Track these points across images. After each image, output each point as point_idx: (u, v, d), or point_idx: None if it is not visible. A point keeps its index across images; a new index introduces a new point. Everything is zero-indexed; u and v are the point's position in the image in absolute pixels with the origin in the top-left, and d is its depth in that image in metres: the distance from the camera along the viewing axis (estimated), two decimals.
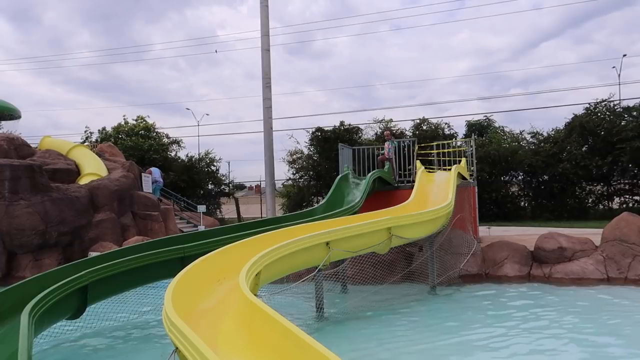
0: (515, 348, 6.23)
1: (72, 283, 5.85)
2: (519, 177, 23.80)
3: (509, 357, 5.93)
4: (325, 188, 23.47)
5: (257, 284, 5.40)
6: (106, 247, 12.50)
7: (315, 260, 6.90)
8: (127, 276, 6.63)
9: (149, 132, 30.16)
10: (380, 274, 9.28)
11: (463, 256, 10.73)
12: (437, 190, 11.54)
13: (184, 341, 3.52)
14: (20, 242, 12.23)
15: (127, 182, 16.04)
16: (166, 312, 3.97)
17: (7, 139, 16.61)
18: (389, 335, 6.99)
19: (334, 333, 7.00)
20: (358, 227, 7.53)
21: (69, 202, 13.46)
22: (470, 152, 14.32)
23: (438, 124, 24.74)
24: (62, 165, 16.45)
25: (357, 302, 8.81)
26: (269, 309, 3.74)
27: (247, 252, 5.97)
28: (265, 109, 15.76)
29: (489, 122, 27.48)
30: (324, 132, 24.42)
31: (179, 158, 30.05)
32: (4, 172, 12.60)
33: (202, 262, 5.57)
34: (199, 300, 4.99)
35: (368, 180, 11.34)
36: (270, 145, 15.74)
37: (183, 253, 7.07)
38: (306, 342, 3.15)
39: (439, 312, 8.25)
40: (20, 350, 3.99)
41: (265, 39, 15.90)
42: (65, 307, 5.89)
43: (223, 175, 30.45)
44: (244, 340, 4.00)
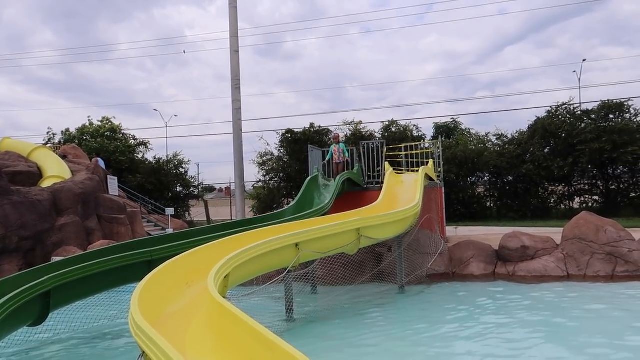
0: (482, 344, 6.38)
1: (33, 289, 5.67)
2: (485, 178, 24.31)
3: (477, 353, 6.07)
4: (295, 190, 23.45)
5: (226, 286, 5.38)
6: (70, 251, 12.16)
7: (284, 262, 6.90)
8: (92, 280, 6.47)
9: (115, 133, 29.51)
10: (350, 274, 9.35)
11: (430, 256, 10.92)
12: (406, 191, 11.70)
13: (151, 345, 3.47)
14: None
15: (92, 184, 15.66)
16: (132, 316, 3.91)
17: None
18: (358, 334, 7.05)
19: (303, 334, 7.02)
20: (327, 228, 7.57)
21: (30, 205, 13.03)
22: (438, 153, 14.58)
23: (407, 126, 25.06)
24: (22, 167, 15.94)
25: (327, 303, 8.86)
26: (237, 311, 3.73)
27: (216, 254, 5.94)
28: (234, 110, 15.64)
29: (456, 124, 28.01)
30: (294, 134, 24.41)
31: (147, 160, 29.49)
32: None
33: (170, 264, 5.51)
34: (166, 303, 4.93)
35: (337, 181, 11.42)
36: (240, 147, 15.63)
37: (150, 256, 6.95)
38: (274, 342, 3.15)
39: (407, 311, 8.37)
40: None
41: (234, 40, 15.79)
42: (26, 313, 5.70)
43: (192, 177, 30.04)
44: (212, 343, 3.98)
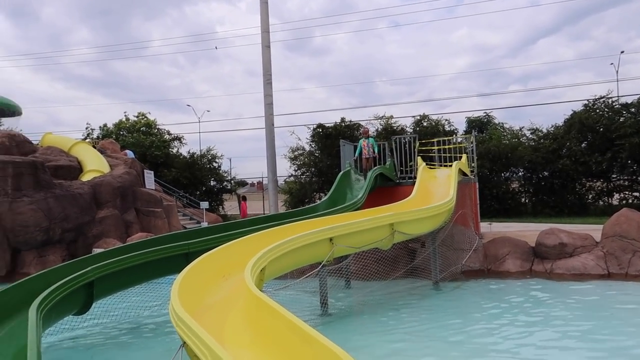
0: (517, 343, 6.29)
1: (78, 279, 5.91)
2: (519, 173, 23.80)
3: (511, 351, 5.98)
4: (327, 184, 23.50)
5: (262, 280, 5.46)
6: (110, 243, 12.56)
7: (319, 256, 6.96)
8: (132, 272, 6.69)
9: (150, 128, 30.18)
10: (384, 269, 9.33)
11: (465, 252, 10.78)
12: (439, 186, 11.58)
13: (192, 336, 3.57)
14: (24, 239, 12.29)
15: (130, 178, 16.10)
16: (173, 307, 4.02)
17: (8, 135, 16.67)
18: (392, 329, 7.06)
19: (338, 328, 7.07)
20: (361, 223, 7.58)
21: (72, 198, 13.51)
22: (471, 148, 14.35)
23: (438, 121, 24.75)
24: (64, 162, 16.51)
25: (361, 298, 8.88)
26: (275, 304, 3.79)
27: (251, 248, 6.03)
28: (266, 105, 15.78)
29: (489, 119, 27.48)
30: (325, 129, 24.44)
31: (181, 155, 30.07)
32: (6, 169, 12.65)
33: (207, 257, 5.63)
34: (204, 295, 5.04)
35: (370, 176, 11.38)
36: (272, 142, 15.76)
37: (188, 249, 7.13)
38: (312, 335, 3.19)
39: (441, 308, 8.30)
40: (29, 345, 4.04)
41: (265, 36, 15.90)
42: (72, 302, 5.95)
43: (225, 171, 30.49)
44: (250, 335, 4.05)
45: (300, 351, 3.30)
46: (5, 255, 11.98)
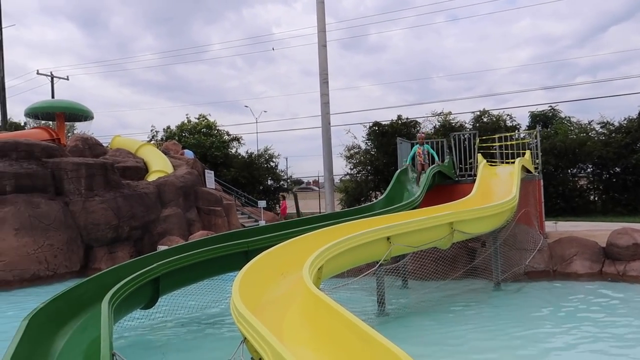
0: (583, 348, 5.97)
1: (145, 274, 6.20)
2: (588, 169, 22.56)
3: (577, 357, 5.68)
4: (383, 183, 23.31)
5: (320, 278, 5.49)
6: (174, 241, 13.08)
7: (376, 255, 6.91)
8: (195, 268, 6.93)
9: (211, 129, 31.13)
10: (442, 269, 9.13)
11: (529, 252, 10.36)
12: (500, 184, 11.19)
13: (252, 332, 3.65)
14: (96, 236, 13.05)
15: (192, 178, 16.70)
16: (234, 304, 4.12)
17: (82, 139, 17.76)
18: (452, 330, 6.90)
19: (396, 328, 6.99)
20: (419, 222, 7.45)
21: (138, 198, 14.20)
22: (535, 144, 13.75)
23: (499, 116, 23.91)
24: (131, 163, 17.37)
25: (419, 298, 8.74)
26: (333, 302, 3.80)
27: (308, 246, 6.08)
28: (322, 105, 15.86)
29: (554, 113, 26.20)
30: (382, 127, 24.23)
31: (239, 155, 30.84)
32: (80, 170, 13.48)
33: (265, 255, 5.73)
34: (263, 292, 5.13)
35: (428, 174, 11.17)
36: (328, 141, 15.83)
37: (247, 247, 7.29)
38: (370, 334, 3.18)
39: (502, 309, 8.02)
40: (102, 336, 4.28)
41: (321, 35, 15.98)
42: (140, 296, 6.25)
43: (281, 171, 30.97)
44: (308, 332, 4.09)
45: (359, 350, 3.29)
46: (79, 252, 12.77)
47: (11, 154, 13.14)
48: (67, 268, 12.22)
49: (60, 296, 5.82)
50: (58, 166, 13.42)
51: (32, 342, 4.74)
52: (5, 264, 11.23)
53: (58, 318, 5.55)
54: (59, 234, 12.39)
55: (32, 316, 5.08)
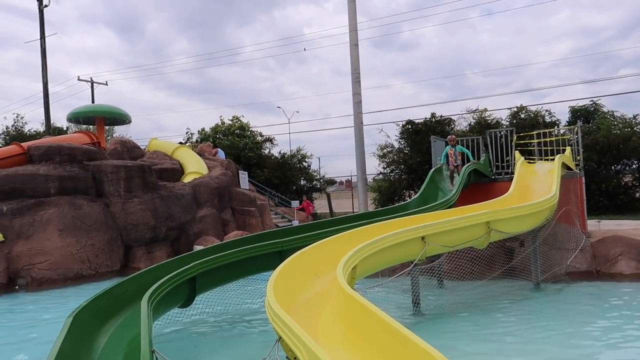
0: (629, 353, 5.73)
1: (182, 274, 6.31)
2: (633, 165, 21.67)
3: None
4: (417, 182, 23.05)
5: (354, 278, 5.47)
6: (209, 241, 13.30)
7: (410, 255, 6.83)
8: (230, 268, 7.02)
9: (244, 131, 31.51)
10: (479, 269, 8.95)
11: (570, 252, 10.03)
12: (539, 181, 10.88)
13: (287, 331, 3.66)
14: (135, 236, 13.41)
15: (226, 179, 16.95)
16: (269, 303, 4.15)
17: (120, 142, 18.28)
18: (490, 332, 6.75)
19: (432, 329, 6.89)
20: (455, 221, 7.33)
21: (175, 199, 14.51)
22: (576, 140, 13.30)
23: (538, 112, 23.23)
24: (168, 165, 17.75)
25: (455, 298, 8.59)
26: (368, 303, 3.77)
27: (342, 246, 6.07)
28: (355, 104, 15.81)
29: (596, 107, 25.25)
30: (415, 125, 23.96)
31: (272, 155, 31.09)
32: (119, 172, 13.88)
33: (299, 255, 5.75)
34: (298, 292, 5.15)
35: (463, 172, 10.97)
36: (361, 140, 15.77)
37: (281, 247, 7.34)
38: (406, 335, 3.14)
39: (542, 310, 7.79)
40: (142, 334, 4.38)
41: (353, 34, 15.93)
42: (177, 295, 6.38)
43: (314, 170, 31.05)
44: (343, 332, 4.07)
45: (394, 350, 3.25)
46: (119, 251, 13.15)
47: (55, 157, 13.66)
48: (108, 267, 12.61)
49: (102, 294, 6.00)
50: (99, 169, 13.87)
51: (76, 339, 4.90)
52: (51, 263, 11.67)
53: (100, 315, 5.72)
54: (100, 235, 12.79)
55: (76, 313, 5.25)
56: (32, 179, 12.78)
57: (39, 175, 12.88)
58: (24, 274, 11.42)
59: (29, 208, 12.37)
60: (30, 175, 12.84)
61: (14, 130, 32.21)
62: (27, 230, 12.01)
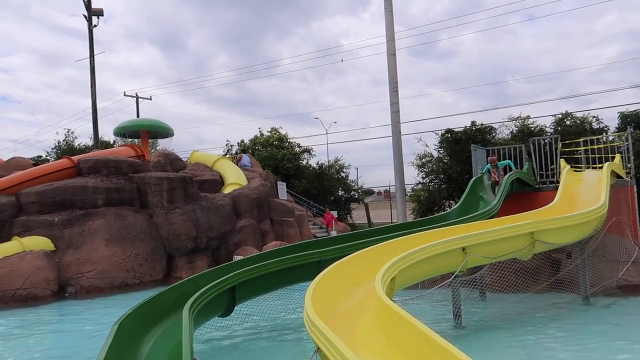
0: None
1: (223, 283, 6.41)
2: None
3: None
4: (457, 192, 22.60)
5: (393, 289, 5.40)
6: (248, 251, 13.45)
7: (451, 266, 6.69)
8: (269, 278, 7.07)
9: (282, 142, 31.83)
10: (523, 281, 8.67)
11: (621, 264, 9.57)
12: (587, 190, 10.47)
13: (326, 342, 3.65)
14: (177, 246, 13.73)
15: (265, 190, 17.14)
16: (307, 314, 4.15)
17: (163, 154, 18.84)
18: (534, 347, 6.51)
19: (474, 342, 6.71)
20: (497, 232, 7.14)
21: (215, 210, 14.78)
22: (626, 147, 12.75)
23: (584, 118, 22.39)
24: (208, 176, 18.12)
25: (498, 311, 8.34)
26: (408, 315, 3.72)
27: (380, 257, 6.01)
28: (393, 114, 15.72)
29: None
30: (454, 134, 23.55)
31: (310, 166, 31.23)
32: (162, 184, 14.28)
33: (338, 266, 5.73)
34: (336, 302, 5.13)
35: (506, 182, 10.70)
36: (399, 150, 15.64)
37: (319, 257, 7.34)
38: (448, 350, 3.07)
39: (591, 326, 7.46)
40: (183, 342, 4.46)
41: (390, 44, 15.90)
42: (217, 304, 6.47)
43: (352, 181, 30.96)
44: (381, 344, 4.03)
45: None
46: (162, 261, 13.49)
47: (102, 170, 14.22)
48: (152, 276, 12.95)
49: (146, 303, 6.16)
50: (143, 180, 14.32)
51: (121, 346, 5.04)
52: (98, 272, 12.10)
53: (144, 323, 5.87)
54: (144, 244, 13.17)
55: (121, 321, 5.41)
56: (81, 191, 13.33)
57: (87, 187, 13.42)
58: (73, 282, 11.87)
59: (78, 219, 12.89)
60: (80, 187, 13.40)
61: (65, 144, 33.71)
62: (77, 240, 12.51)
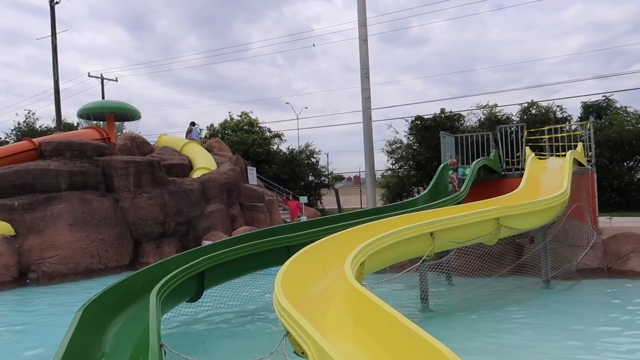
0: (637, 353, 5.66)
1: (191, 268, 6.34)
2: None
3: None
4: (426, 178, 22.96)
5: (362, 273, 5.45)
6: (217, 236, 13.33)
7: (419, 251, 6.80)
8: (238, 263, 7.03)
9: (253, 127, 31.54)
10: (488, 266, 8.89)
11: (581, 249, 9.94)
12: (550, 177, 10.78)
13: (295, 326, 3.66)
14: (144, 231, 13.48)
15: (235, 175, 16.96)
16: (277, 298, 4.15)
17: (130, 138, 18.37)
18: (498, 329, 6.72)
19: (440, 324, 6.86)
20: (464, 217, 7.28)
21: (184, 194, 14.55)
22: (588, 136, 13.16)
23: (549, 108, 23.06)
24: (177, 160, 17.80)
25: (464, 295, 8.55)
26: (376, 298, 3.76)
27: (350, 242, 6.05)
28: (364, 100, 15.75)
29: (609, 103, 24.98)
30: (424, 121, 23.85)
31: (281, 151, 31.10)
32: (129, 167, 13.94)
33: (307, 250, 5.74)
34: (306, 287, 5.15)
35: (473, 168, 10.90)
36: (370, 136, 15.71)
37: (289, 242, 7.34)
38: (415, 331, 3.12)
39: (552, 308, 7.74)
40: (151, 328, 4.40)
41: (362, 30, 15.85)
42: (186, 290, 6.40)
43: (322, 166, 31.01)
44: (351, 327, 4.06)
45: (402, 346, 3.24)
46: (128, 246, 13.23)
47: (65, 153, 13.76)
48: (118, 262, 12.70)
49: (112, 288, 6.04)
50: (108, 164, 13.94)
51: (85, 332, 4.93)
52: (61, 257, 11.78)
53: (110, 309, 5.76)
54: (110, 229, 12.88)
55: (85, 307, 5.29)
56: (43, 174, 12.89)
57: (49, 171, 12.98)
58: (34, 268, 11.53)
59: (39, 203, 12.48)
60: (41, 170, 12.95)
61: (26, 126, 32.53)
62: (38, 225, 12.12)
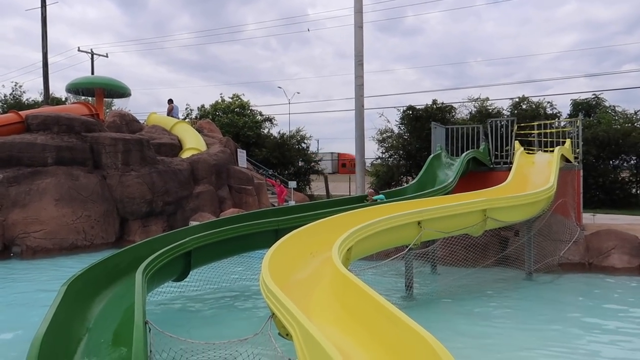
0: (618, 346, 5.81)
1: (178, 248, 6.34)
2: (632, 161, 21.71)
3: (608, 356, 5.53)
4: (415, 168, 23.04)
5: (349, 259, 5.49)
6: (205, 217, 13.30)
7: (406, 239, 6.86)
8: (226, 244, 7.05)
9: (244, 109, 31.28)
10: (473, 256, 9.01)
11: (564, 243, 10.09)
12: (538, 172, 10.90)
13: (281, 308, 3.69)
14: (131, 209, 13.41)
15: (224, 157, 16.89)
16: (264, 280, 4.17)
17: (119, 115, 18.16)
18: (480, 317, 6.85)
19: (423, 311, 6.96)
20: (452, 208, 7.35)
21: (172, 174, 14.47)
22: (576, 133, 13.30)
23: (539, 103, 23.15)
24: (166, 140, 17.65)
25: (448, 284, 8.67)
26: (362, 283, 3.80)
27: (339, 227, 6.07)
28: (357, 87, 15.71)
29: (598, 101, 25.16)
30: (416, 111, 23.85)
31: (272, 135, 30.95)
32: (117, 145, 13.81)
33: (295, 234, 5.77)
34: (293, 270, 5.18)
35: (462, 160, 10.98)
36: (361, 124, 15.71)
37: (277, 225, 7.36)
38: (398, 316, 3.17)
39: (533, 300, 7.89)
40: (136, 305, 4.41)
41: (358, 16, 15.75)
42: (172, 269, 6.41)
43: (313, 152, 30.92)
44: (336, 311, 4.11)
45: (386, 331, 3.29)
46: (115, 224, 13.16)
47: (53, 127, 13.56)
48: (103, 239, 12.63)
49: (97, 265, 6.02)
50: (97, 140, 13.79)
51: (70, 307, 4.93)
52: (46, 232, 11.69)
53: (95, 285, 5.75)
54: (96, 206, 12.79)
55: (70, 282, 5.28)
56: (29, 148, 12.71)
57: (36, 145, 12.80)
58: (18, 242, 11.43)
59: (25, 177, 12.33)
60: (28, 144, 12.76)
61: (12, 98, 31.92)
62: (23, 199, 11.99)
